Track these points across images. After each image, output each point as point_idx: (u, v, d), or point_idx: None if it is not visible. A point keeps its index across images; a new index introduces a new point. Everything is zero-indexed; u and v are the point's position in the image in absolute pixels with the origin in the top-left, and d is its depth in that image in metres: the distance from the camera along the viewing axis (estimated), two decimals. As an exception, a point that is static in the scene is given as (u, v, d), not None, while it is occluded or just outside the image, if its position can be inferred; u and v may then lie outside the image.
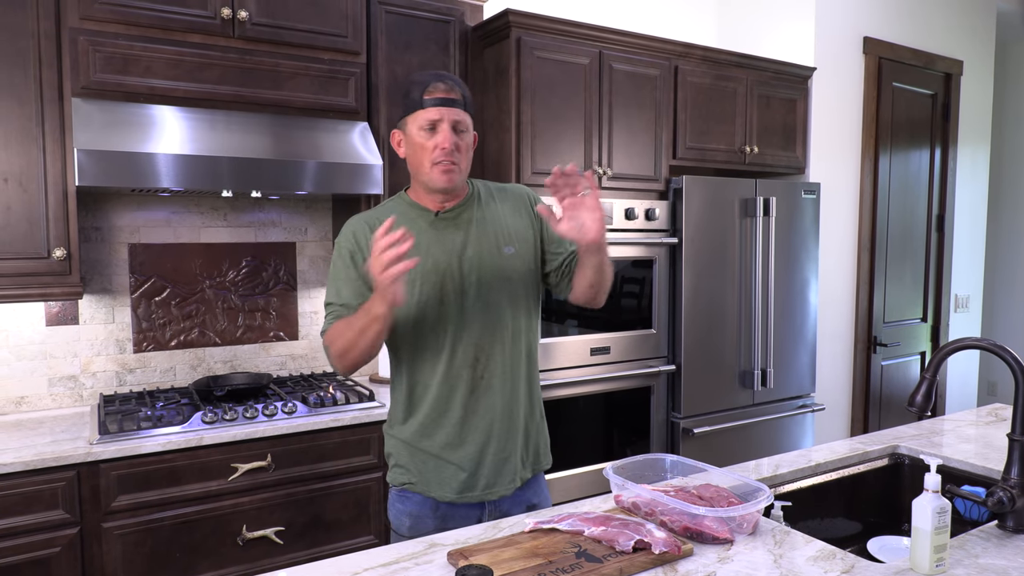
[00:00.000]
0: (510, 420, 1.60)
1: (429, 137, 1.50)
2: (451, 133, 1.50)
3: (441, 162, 1.50)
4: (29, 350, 2.36)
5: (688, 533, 1.32)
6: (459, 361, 1.55)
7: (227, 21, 2.27)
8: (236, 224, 2.68)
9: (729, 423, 3.10)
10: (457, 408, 1.56)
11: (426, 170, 1.52)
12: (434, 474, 1.57)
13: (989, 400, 5.03)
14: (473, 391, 1.56)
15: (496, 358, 1.57)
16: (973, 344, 1.44)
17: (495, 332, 1.57)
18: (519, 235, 1.61)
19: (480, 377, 1.56)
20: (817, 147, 3.49)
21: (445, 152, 1.49)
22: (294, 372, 2.80)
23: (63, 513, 1.90)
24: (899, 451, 1.94)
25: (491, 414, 1.57)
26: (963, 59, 4.09)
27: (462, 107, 1.52)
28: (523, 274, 1.60)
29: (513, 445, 1.60)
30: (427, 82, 1.51)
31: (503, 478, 1.59)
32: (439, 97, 1.49)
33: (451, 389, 1.55)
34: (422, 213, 1.57)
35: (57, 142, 2.08)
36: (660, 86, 2.96)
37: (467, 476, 1.57)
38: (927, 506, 1.19)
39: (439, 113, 1.49)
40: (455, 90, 1.51)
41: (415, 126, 1.51)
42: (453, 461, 1.56)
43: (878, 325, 3.80)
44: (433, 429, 1.57)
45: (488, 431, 1.57)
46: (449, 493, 1.57)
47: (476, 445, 1.56)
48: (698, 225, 2.99)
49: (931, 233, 4.06)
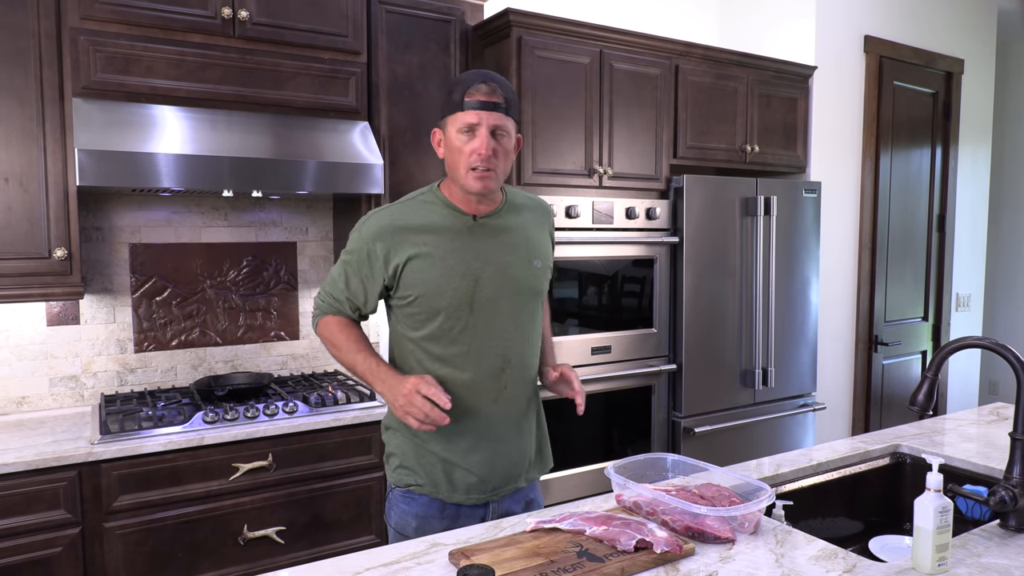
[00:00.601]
0: (524, 426, 1.62)
1: (467, 141, 1.46)
2: (488, 138, 1.45)
3: (476, 168, 1.45)
4: (30, 350, 2.36)
5: (690, 532, 1.32)
6: (485, 369, 1.53)
7: (228, 21, 2.27)
8: (237, 224, 2.68)
9: (730, 422, 3.10)
10: (479, 416, 1.54)
11: (462, 174, 1.47)
12: (443, 477, 1.56)
13: (990, 399, 5.03)
14: (496, 400, 1.55)
15: (519, 369, 1.57)
16: (975, 343, 1.44)
17: (521, 343, 1.57)
18: (542, 251, 1.62)
19: (504, 387, 1.55)
20: (818, 146, 3.49)
21: (481, 158, 1.44)
22: (295, 372, 2.80)
23: (64, 513, 1.90)
24: (900, 450, 1.94)
25: (508, 422, 1.58)
26: (964, 58, 4.08)
27: (504, 111, 1.46)
28: (543, 287, 1.62)
29: (525, 449, 1.62)
30: (470, 82, 1.46)
31: (512, 480, 1.61)
32: (480, 100, 1.44)
33: (476, 397, 1.53)
34: (459, 217, 1.53)
35: (58, 142, 2.08)
36: (661, 85, 2.96)
37: (478, 480, 1.56)
38: (929, 505, 1.19)
39: (478, 117, 1.44)
40: (497, 92, 1.46)
41: (454, 128, 1.47)
42: (465, 466, 1.55)
43: (879, 324, 3.79)
44: (451, 435, 1.54)
45: (503, 437, 1.58)
46: (458, 495, 1.56)
47: (491, 451, 1.56)
48: (699, 224, 2.99)
49: (932, 232, 4.06)
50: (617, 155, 2.86)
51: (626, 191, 2.92)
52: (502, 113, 1.46)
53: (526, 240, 1.58)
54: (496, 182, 1.49)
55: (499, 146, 1.46)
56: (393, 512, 1.61)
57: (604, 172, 2.82)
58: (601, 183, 2.82)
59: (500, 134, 1.47)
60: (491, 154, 1.45)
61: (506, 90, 1.48)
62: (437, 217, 1.52)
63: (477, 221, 1.53)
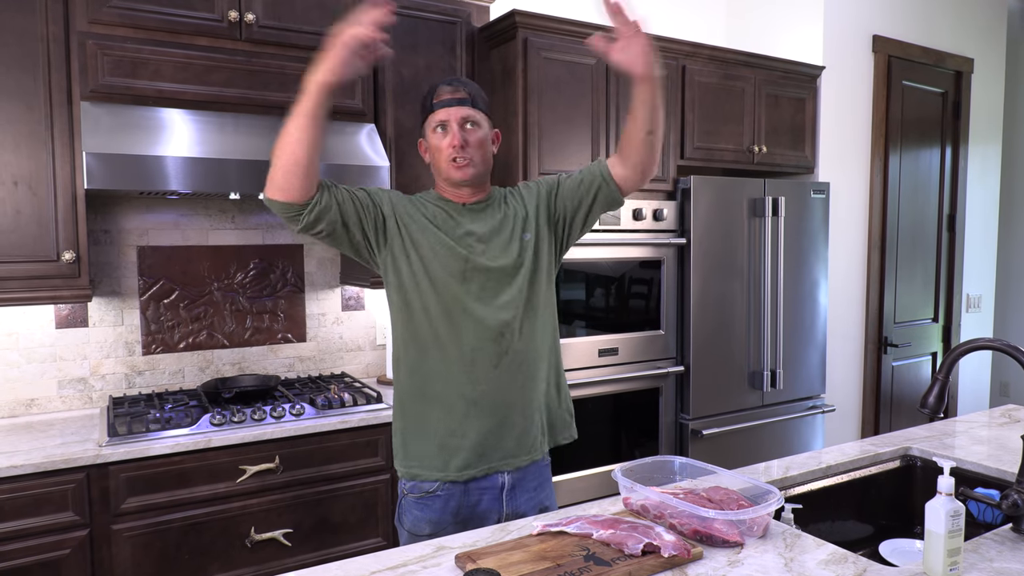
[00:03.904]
0: (531, 394, 1.63)
1: (442, 138, 1.59)
2: (459, 130, 1.57)
3: (456, 159, 1.57)
4: (39, 352, 2.37)
5: (698, 536, 1.31)
6: (483, 335, 1.58)
7: (234, 24, 2.27)
8: (244, 226, 2.68)
9: (738, 424, 3.09)
10: (480, 381, 1.58)
11: (444, 168, 1.60)
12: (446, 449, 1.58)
13: (1002, 401, 4.98)
14: (498, 365, 1.59)
15: (520, 334, 1.61)
16: (986, 345, 1.43)
17: (520, 307, 1.62)
18: (537, 223, 1.67)
19: (505, 352, 1.60)
20: (826, 146, 3.47)
21: (456, 148, 1.57)
22: (302, 374, 2.80)
23: (73, 515, 1.91)
24: (911, 453, 1.92)
25: (513, 387, 1.61)
26: (974, 57, 4.05)
27: (469, 104, 1.59)
28: (538, 257, 1.66)
29: (532, 417, 1.64)
30: (435, 87, 1.62)
31: (521, 449, 1.63)
32: (445, 99, 1.59)
33: (474, 363, 1.58)
34: (450, 204, 1.65)
35: (66, 145, 2.09)
36: (668, 86, 2.95)
37: (478, 446, 1.59)
38: (940, 509, 1.18)
39: (446, 114, 1.58)
40: (460, 90, 1.59)
41: (430, 130, 1.62)
42: (466, 432, 1.59)
43: (889, 325, 3.77)
44: (453, 401, 1.59)
45: (510, 404, 1.61)
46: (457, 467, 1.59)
47: (498, 417, 1.59)
48: (706, 225, 2.97)
49: (942, 232, 4.03)
50: (624, 156, 2.84)
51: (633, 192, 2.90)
52: (467, 106, 1.59)
53: (515, 218, 1.66)
54: (476, 169, 1.60)
55: (470, 136, 1.58)
56: (406, 517, 1.63)
57: (611, 173, 2.80)
58: (608, 184, 2.81)
59: (470, 125, 1.59)
60: (463, 144, 1.57)
61: (469, 87, 1.62)
62: (432, 203, 1.66)
63: (466, 207, 1.65)
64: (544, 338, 1.67)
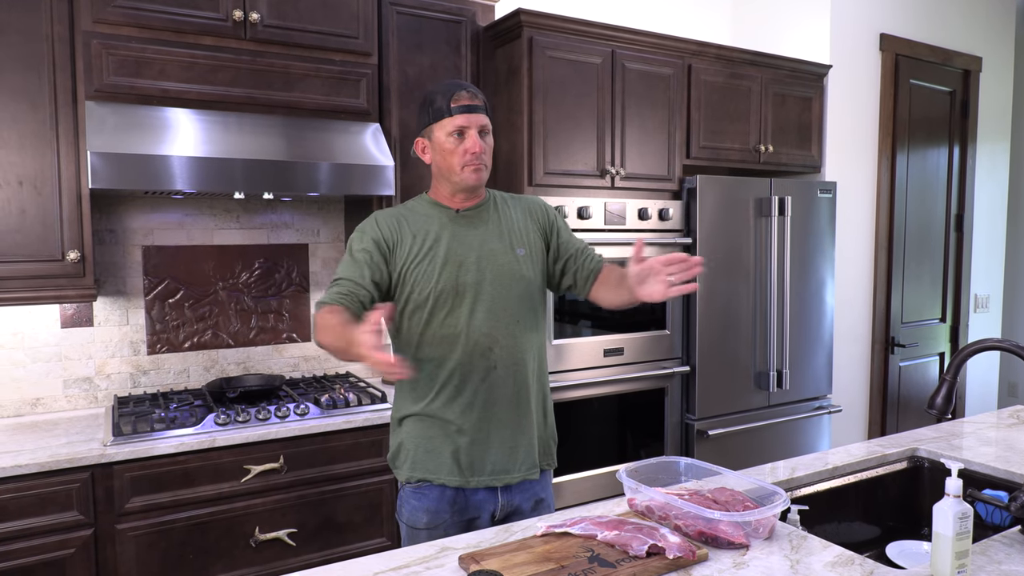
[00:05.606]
0: (520, 409, 1.66)
1: (459, 142, 1.61)
2: (478, 137, 1.61)
3: (472, 164, 1.61)
4: (44, 352, 2.38)
5: (703, 538, 1.30)
6: (473, 348, 1.61)
7: (239, 23, 2.27)
8: (249, 226, 2.68)
9: (744, 425, 3.07)
10: (468, 393, 1.62)
11: (457, 171, 1.61)
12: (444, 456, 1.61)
13: (1010, 401, 4.95)
14: (486, 379, 1.62)
15: (509, 349, 1.64)
16: (994, 345, 1.42)
17: (510, 324, 1.64)
18: (529, 240, 1.72)
19: (493, 367, 1.62)
20: (833, 146, 3.45)
21: (476, 156, 1.60)
22: (307, 374, 2.80)
23: (77, 514, 1.91)
24: (918, 454, 1.91)
25: (502, 402, 1.63)
26: (982, 56, 4.03)
27: (484, 112, 1.63)
28: (531, 275, 1.69)
29: (522, 434, 1.66)
30: (451, 91, 1.61)
31: (513, 465, 1.65)
32: (465, 104, 1.60)
33: (465, 375, 1.61)
34: (443, 211, 1.67)
35: (71, 145, 2.09)
36: (673, 85, 2.93)
37: (475, 459, 1.62)
38: (948, 511, 1.17)
39: (467, 120, 1.60)
40: (477, 97, 1.63)
41: (443, 133, 1.61)
42: (459, 445, 1.62)
43: (896, 325, 3.75)
44: (446, 409, 1.62)
45: (498, 418, 1.63)
46: (457, 477, 1.61)
47: (486, 431, 1.62)
48: (712, 225, 2.96)
49: (950, 232, 4.00)
50: (629, 156, 2.84)
51: (638, 192, 2.90)
52: (483, 114, 1.63)
53: (509, 230, 1.69)
54: (486, 174, 1.66)
55: (485, 144, 1.63)
56: (404, 508, 1.67)
57: (616, 173, 2.80)
58: (613, 184, 2.81)
59: (484, 132, 1.63)
60: (482, 151, 1.61)
61: (482, 95, 1.66)
62: (423, 214, 1.67)
63: (459, 213, 1.66)
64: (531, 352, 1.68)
